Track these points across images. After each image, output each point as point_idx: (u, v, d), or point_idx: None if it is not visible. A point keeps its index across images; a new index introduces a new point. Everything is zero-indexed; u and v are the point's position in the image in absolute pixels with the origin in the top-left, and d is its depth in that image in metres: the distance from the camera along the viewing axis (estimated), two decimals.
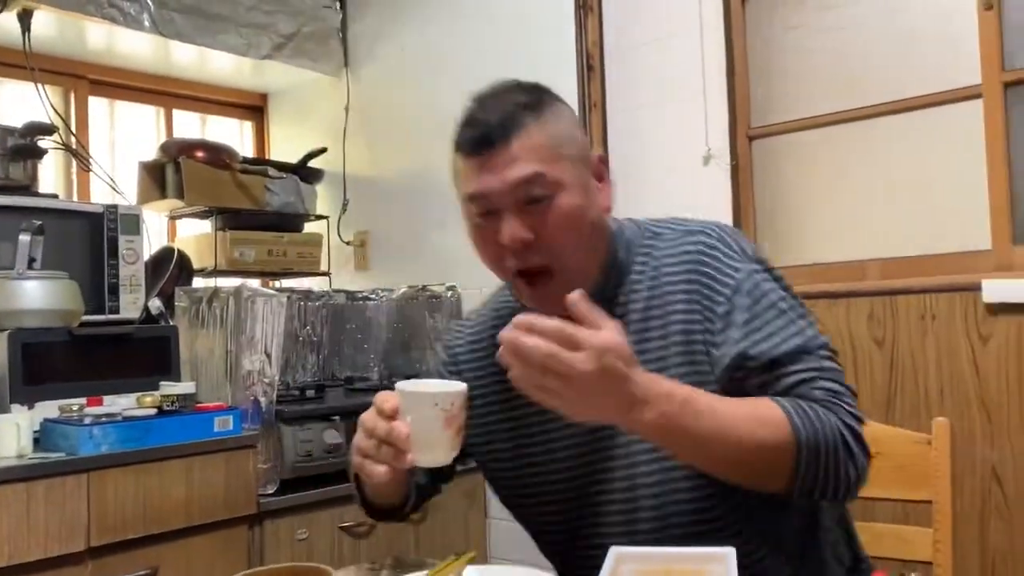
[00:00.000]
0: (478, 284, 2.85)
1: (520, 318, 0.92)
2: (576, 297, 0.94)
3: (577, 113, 2.58)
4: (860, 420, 1.05)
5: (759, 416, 1.00)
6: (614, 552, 0.97)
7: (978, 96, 2.04)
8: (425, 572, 1.02)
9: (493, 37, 2.83)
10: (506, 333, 0.92)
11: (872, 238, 2.23)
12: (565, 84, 2.60)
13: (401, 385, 1.04)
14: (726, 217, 2.34)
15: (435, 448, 1.01)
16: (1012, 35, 2.01)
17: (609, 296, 1.14)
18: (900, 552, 1.36)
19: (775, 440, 0.99)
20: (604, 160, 1.18)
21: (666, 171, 2.47)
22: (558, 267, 1.09)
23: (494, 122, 1.09)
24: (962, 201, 2.08)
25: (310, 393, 2.49)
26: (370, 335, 2.98)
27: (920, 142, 2.16)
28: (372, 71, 3.24)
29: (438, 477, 1.31)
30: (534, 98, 1.12)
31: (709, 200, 2.37)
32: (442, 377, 1.29)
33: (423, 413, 1.00)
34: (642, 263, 1.16)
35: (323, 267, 3.12)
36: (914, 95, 2.15)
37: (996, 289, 1.90)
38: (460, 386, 1.04)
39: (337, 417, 2.34)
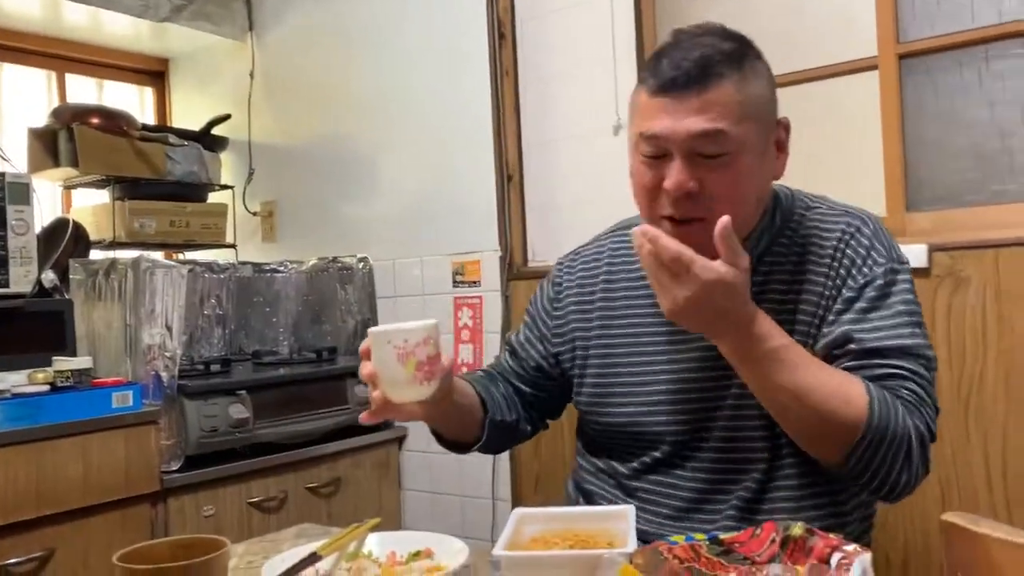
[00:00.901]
0: (389, 255, 2.83)
1: (648, 230, 1.00)
2: (723, 227, 0.98)
3: (488, 81, 2.56)
4: (933, 435, 1.07)
5: (842, 390, 1.02)
6: (516, 513, 0.98)
7: (874, 68, 2.10)
8: (324, 540, 1.01)
9: (404, 3, 2.78)
10: (637, 231, 1.00)
11: None
12: (477, 51, 2.58)
13: (372, 328, 1.08)
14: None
15: (398, 384, 1.06)
16: (907, 8, 2.07)
17: (755, 258, 1.13)
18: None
19: (846, 417, 1.01)
20: (788, 127, 1.16)
21: (577, 140, 2.48)
22: (710, 222, 1.03)
23: (691, 66, 1.04)
24: (858, 169, 2.15)
25: (215, 368, 2.43)
26: (279, 308, 2.92)
27: (818, 112, 2.22)
28: (278, 35, 3.14)
29: (539, 414, 1.35)
30: (738, 50, 1.07)
31: (619, 170, 2.38)
32: (547, 313, 1.33)
33: (381, 351, 1.06)
34: (791, 232, 1.17)
35: (228, 239, 3.03)
36: (813, 66, 2.20)
37: None
38: (419, 324, 1.07)
39: (244, 391, 2.28)
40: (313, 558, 0.96)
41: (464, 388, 1.23)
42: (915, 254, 1.94)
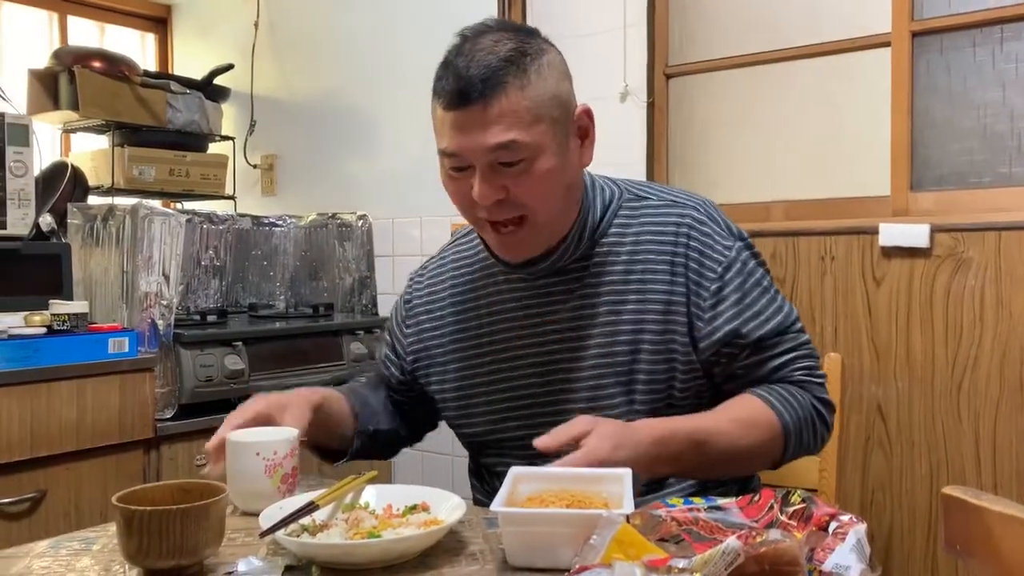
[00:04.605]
0: (389, 214, 2.82)
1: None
2: (541, 444, 1.00)
3: None
4: (825, 384, 1.18)
5: (752, 420, 1.10)
6: (513, 472, 0.98)
7: (887, 44, 2.08)
8: (323, 491, 1.01)
9: None
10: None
11: (778, 180, 2.27)
12: (486, 10, 2.54)
13: (234, 437, 1.08)
14: (640, 154, 2.35)
15: (261, 496, 1.05)
16: None
17: (585, 255, 1.18)
18: (788, 480, 1.41)
19: (770, 437, 1.11)
20: (590, 114, 1.16)
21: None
22: (529, 219, 1.10)
23: (474, 78, 1.04)
24: (865, 147, 2.14)
25: (212, 318, 2.42)
26: (276, 262, 2.91)
27: (829, 87, 2.20)
28: None
29: (416, 423, 1.37)
30: (520, 50, 1.07)
31: (624, 137, 2.37)
32: (400, 332, 1.32)
33: (245, 463, 1.06)
34: (622, 225, 1.19)
35: (228, 190, 3.01)
36: (826, 40, 2.18)
37: (891, 233, 1.97)
38: (285, 435, 1.09)
39: (240, 343, 2.28)
40: (310, 507, 0.96)
41: (335, 402, 1.24)
42: (917, 234, 1.95)
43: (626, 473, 0.94)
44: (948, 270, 1.93)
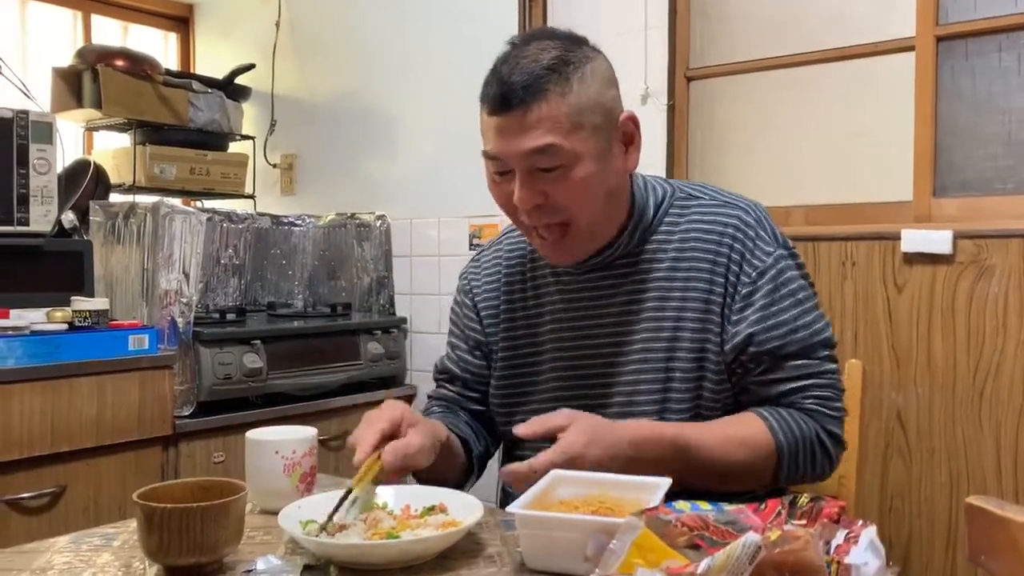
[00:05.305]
0: (407, 214, 2.82)
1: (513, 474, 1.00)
2: (520, 432, 1.03)
3: None
4: (841, 420, 1.16)
5: (744, 437, 1.11)
6: (553, 474, 0.98)
7: (911, 49, 2.06)
8: (336, 490, 1.02)
9: None
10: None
11: (799, 184, 2.26)
12: (506, 11, 2.54)
13: (253, 435, 1.10)
14: (660, 157, 2.35)
15: (279, 495, 1.05)
16: None
17: (633, 251, 1.19)
18: (805, 487, 1.41)
19: (763, 456, 1.11)
20: (635, 120, 1.16)
21: None
22: (573, 225, 1.12)
23: (516, 84, 1.07)
24: (887, 152, 2.12)
25: (230, 316, 2.44)
26: (295, 261, 2.92)
27: (852, 91, 2.19)
28: None
29: (495, 441, 1.35)
30: (563, 59, 1.09)
31: (645, 139, 2.35)
32: (471, 320, 1.32)
33: (264, 461, 1.07)
34: (671, 223, 1.20)
35: (248, 189, 3.02)
36: (849, 44, 2.16)
37: (913, 239, 1.96)
38: (304, 434, 1.10)
39: (258, 341, 2.29)
40: (347, 495, 0.99)
41: (451, 436, 1.21)
42: (940, 240, 1.93)
43: (664, 482, 0.94)
44: (971, 277, 1.91)
